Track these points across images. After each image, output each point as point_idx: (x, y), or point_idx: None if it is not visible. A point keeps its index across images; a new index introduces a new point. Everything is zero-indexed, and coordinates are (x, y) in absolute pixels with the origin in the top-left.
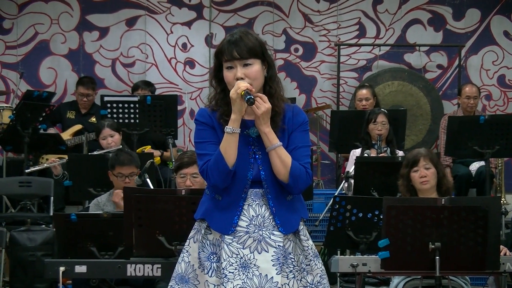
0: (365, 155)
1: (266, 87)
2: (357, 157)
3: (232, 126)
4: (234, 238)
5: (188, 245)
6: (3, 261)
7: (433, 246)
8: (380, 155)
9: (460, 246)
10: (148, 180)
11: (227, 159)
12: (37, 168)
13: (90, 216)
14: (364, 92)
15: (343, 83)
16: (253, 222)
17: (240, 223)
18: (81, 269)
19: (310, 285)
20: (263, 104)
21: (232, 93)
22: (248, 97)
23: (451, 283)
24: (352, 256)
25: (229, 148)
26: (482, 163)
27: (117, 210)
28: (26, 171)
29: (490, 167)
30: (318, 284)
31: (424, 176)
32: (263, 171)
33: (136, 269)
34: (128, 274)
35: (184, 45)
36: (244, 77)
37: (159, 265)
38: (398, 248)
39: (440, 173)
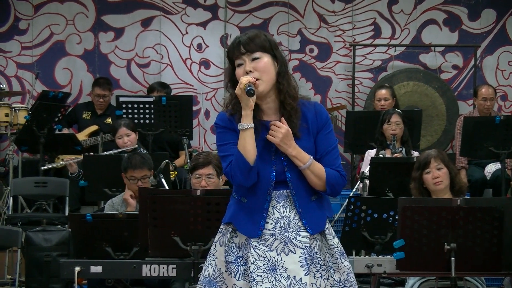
0: (380, 155)
1: (277, 84)
2: (372, 157)
3: (245, 123)
4: (260, 241)
5: (214, 248)
6: (18, 261)
7: (448, 247)
8: (395, 155)
9: (475, 247)
10: (163, 180)
11: (246, 156)
12: (53, 165)
13: (106, 216)
14: (383, 92)
15: (358, 84)
16: (279, 224)
17: (266, 225)
18: (96, 269)
19: (338, 283)
20: (278, 131)
21: (237, 90)
22: (248, 88)
23: (466, 284)
24: (367, 256)
25: (246, 144)
26: (498, 164)
27: (128, 210)
28: (42, 168)
29: (506, 169)
30: (346, 282)
31: (437, 177)
32: (289, 172)
33: (151, 269)
34: (143, 274)
35: (199, 46)
36: (253, 71)
37: (174, 266)
38: (414, 249)
39: (452, 173)
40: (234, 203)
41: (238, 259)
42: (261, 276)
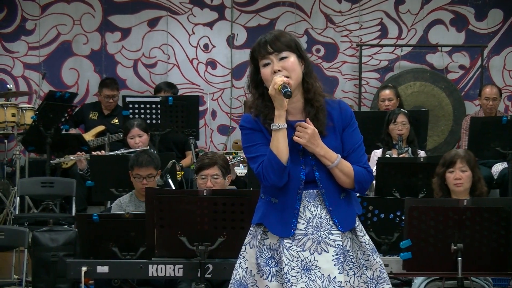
0: (387, 155)
1: (304, 84)
2: (378, 157)
3: (278, 123)
4: (293, 241)
5: (244, 251)
6: (25, 261)
7: (455, 247)
8: (402, 155)
9: (482, 247)
10: (170, 180)
11: (280, 156)
12: (62, 160)
13: (112, 216)
14: (387, 92)
15: (364, 84)
16: (311, 224)
17: (298, 225)
18: (103, 269)
19: (371, 280)
20: (305, 131)
21: (270, 90)
22: (285, 90)
23: (473, 284)
24: None
25: (280, 145)
26: (505, 164)
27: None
28: (52, 162)
29: None
30: (379, 278)
31: (459, 179)
32: (318, 171)
33: (157, 270)
34: (150, 274)
35: (206, 46)
36: (282, 70)
37: (181, 266)
38: (420, 249)
39: (475, 177)
40: (263, 204)
41: (270, 261)
42: (295, 276)
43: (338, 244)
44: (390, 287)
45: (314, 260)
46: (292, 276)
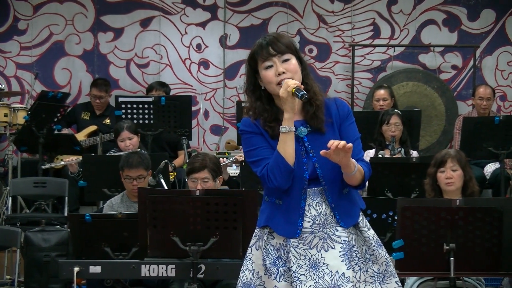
0: (379, 156)
1: (303, 85)
2: (371, 158)
3: (287, 125)
4: (300, 240)
5: (250, 253)
6: (17, 262)
7: (447, 247)
8: (394, 156)
9: (475, 247)
10: (162, 180)
11: (287, 158)
12: (53, 165)
13: (105, 216)
14: (382, 92)
15: (357, 84)
16: (316, 221)
17: (304, 224)
18: (95, 269)
19: (377, 274)
20: (342, 144)
21: (282, 92)
22: (302, 93)
23: (465, 284)
24: None
25: (287, 147)
26: (497, 164)
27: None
28: (43, 167)
29: (505, 169)
30: (385, 272)
31: (449, 178)
32: (319, 169)
33: (150, 270)
34: (142, 274)
35: (199, 46)
36: (286, 72)
37: (173, 266)
38: (413, 249)
39: (466, 176)
40: (267, 206)
41: (277, 261)
42: (304, 275)
43: (344, 240)
44: (397, 280)
45: (322, 257)
46: (301, 274)
